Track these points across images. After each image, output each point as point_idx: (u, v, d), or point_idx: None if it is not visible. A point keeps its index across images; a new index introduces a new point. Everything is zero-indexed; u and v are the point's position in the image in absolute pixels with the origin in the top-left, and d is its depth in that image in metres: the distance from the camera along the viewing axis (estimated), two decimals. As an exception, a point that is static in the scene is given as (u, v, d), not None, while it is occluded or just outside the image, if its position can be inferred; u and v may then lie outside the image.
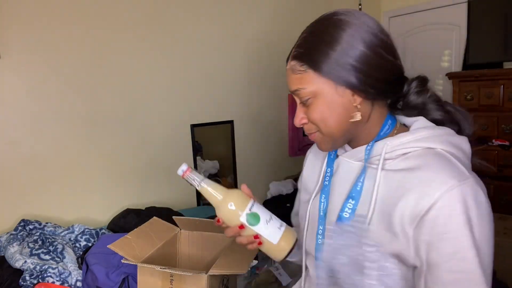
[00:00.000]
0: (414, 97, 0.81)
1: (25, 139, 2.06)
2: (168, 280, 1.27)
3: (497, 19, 2.78)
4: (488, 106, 2.78)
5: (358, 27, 0.75)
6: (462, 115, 0.85)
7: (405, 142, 0.76)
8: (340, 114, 0.76)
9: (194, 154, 2.42)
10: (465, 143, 0.80)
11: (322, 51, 0.74)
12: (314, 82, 0.76)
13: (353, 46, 0.74)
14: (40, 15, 2.04)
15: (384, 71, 0.77)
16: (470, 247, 0.67)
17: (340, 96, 0.75)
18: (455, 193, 0.67)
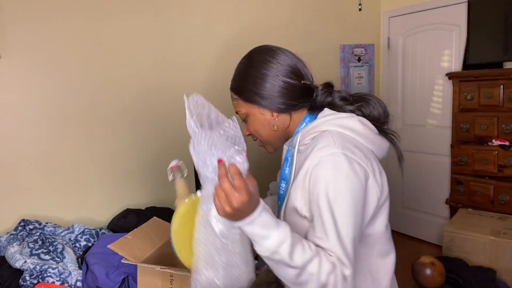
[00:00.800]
0: (321, 98, 1.05)
1: (25, 139, 2.06)
2: (168, 280, 1.27)
3: (497, 19, 2.78)
4: (488, 106, 2.78)
5: (265, 64, 1.01)
6: (370, 102, 1.06)
7: (309, 129, 1.02)
8: (266, 127, 1.06)
9: (194, 154, 2.42)
10: (353, 122, 1.00)
11: (243, 85, 1.04)
12: (244, 107, 1.06)
13: (262, 79, 1.01)
14: (40, 15, 2.04)
15: (292, 93, 1.02)
16: (324, 199, 0.89)
17: (263, 114, 1.05)
18: (325, 158, 0.92)
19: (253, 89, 1.02)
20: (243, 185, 0.79)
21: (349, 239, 0.88)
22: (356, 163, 0.92)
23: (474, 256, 2.34)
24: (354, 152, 0.93)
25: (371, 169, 0.95)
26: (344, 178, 0.90)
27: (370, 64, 3.56)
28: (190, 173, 1.25)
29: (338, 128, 0.98)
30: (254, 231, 0.83)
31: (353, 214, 0.90)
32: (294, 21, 3.01)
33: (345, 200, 0.89)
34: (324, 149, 0.93)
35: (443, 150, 3.25)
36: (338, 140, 0.94)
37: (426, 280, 2.10)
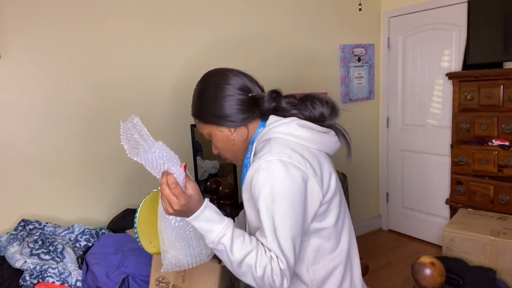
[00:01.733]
0: (267, 105, 1.13)
1: (25, 139, 2.06)
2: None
3: (497, 19, 2.78)
4: (488, 106, 2.78)
5: (214, 86, 1.11)
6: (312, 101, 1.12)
7: (259, 138, 1.11)
8: (227, 143, 1.15)
9: (194, 154, 2.42)
10: (293, 128, 1.07)
11: (198, 109, 1.15)
12: (205, 128, 1.16)
13: (212, 100, 1.11)
14: (40, 15, 2.04)
15: (241, 107, 1.10)
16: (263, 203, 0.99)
17: (222, 132, 1.14)
18: (262, 166, 1.00)
19: (208, 111, 1.12)
20: (179, 192, 0.96)
21: (286, 237, 0.98)
22: (292, 166, 1.00)
23: (474, 256, 2.34)
24: (291, 155, 1.01)
25: (311, 169, 1.03)
26: (280, 182, 0.98)
27: (370, 64, 3.56)
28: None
29: (279, 135, 1.06)
30: (199, 226, 0.98)
31: (290, 215, 0.99)
32: (294, 21, 3.01)
33: (281, 203, 0.98)
34: (262, 157, 1.01)
35: (443, 150, 3.25)
36: (275, 147, 1.03)
37: (426, 280, 2.10)
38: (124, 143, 0.95)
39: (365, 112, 3.61)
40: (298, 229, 1.01)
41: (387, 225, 3.83)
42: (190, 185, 0.99)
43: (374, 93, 3.65)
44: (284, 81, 2.97)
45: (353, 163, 3.54)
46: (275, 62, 2.94)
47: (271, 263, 0.96)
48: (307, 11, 3.09)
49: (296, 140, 1.06)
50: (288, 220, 0.99)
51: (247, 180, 1.05)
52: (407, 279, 2.81)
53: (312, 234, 1.08)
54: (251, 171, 1.03)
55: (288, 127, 1.07)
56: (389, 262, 3.17)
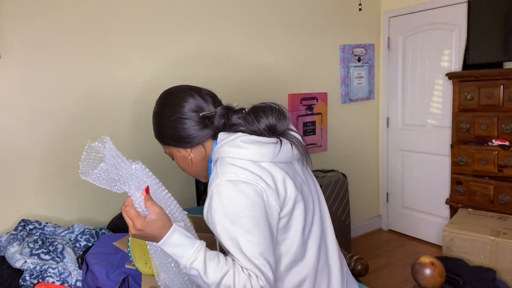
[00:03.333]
0: (216, 123, 1.11)
1: (25, 139, 2.06)
2: None
3: (497, 19, 2.78)
4: (488, 106, 2.78)
5: (163, 111, 1.13)
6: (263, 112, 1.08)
7: (213, 158, 1.10)
8: (185, 162, 1.16)
9: (194, 154, 2.42)
10: (237, 146, 1.03)
11: (155, 131, 1.17)
12: (166, 149, 1.18)
13: (164, 124, 1.12)
14: (40, 15, 2.04)
15: (190, 127, 1.10)
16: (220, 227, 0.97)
17: (179, 152, 1.15)
18: (213, 191, 1.00)
19: (164, 133, 1.14)
20: (132, 215, 0.96)
21: (256, 254, 0.95)
22: (241, 183, 0.98)
23: (474, 256, 2.34)
24: (238, 173, 0.99)
25: (264, 183, 0.99)
26: (233, 201, 0.96)
27: (370, 64, 3.56)
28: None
29: (225, 154, 1.05)
30: (169, 251, 0.97)
31: (254, 230, 0.96)
32: (294, 21, 3.01)
33: (241, 221, 0.96)
34: (211, 182, 1.02)
35: (443, 150, 3.25)
36: (221, 168, 1.02)
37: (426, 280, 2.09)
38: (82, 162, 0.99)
39: (365, 112, 3.61)
40: (267, 243, 0.98)
41: (387, 225, 3.83)
42: (152, 209, 0.97)
43: (374, 93, 3.65)
44: (284, 81, 2.98)
45: (353, 163, 3.54)
46: (275, 62, 2.94)
47: (250, 280, 0.93)
48: (307, 11, 3.09)
49: (242, 157, 1.02)
50: (254, 236, 0.96)
51: (204, 209, 1.03)
52: (407, 279, 2.81)
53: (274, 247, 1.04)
54: (207, 200, 1.02)
55: (231, 145, 1.04)
56: (389, 262, 3.17)
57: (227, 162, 1.02)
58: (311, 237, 1.09)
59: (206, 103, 1.13)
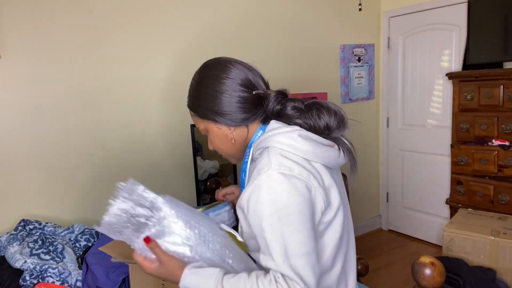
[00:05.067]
0: (271, 107, 1.04)
1: (25, 139, 2.06)
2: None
3: (497, 19, 2.78)
4: (488, 106, 2.78)
5: (214, 80, 1.01)
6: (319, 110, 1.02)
7: (257, 144, 1.02)
8: (224, 141, 1.07)
9: (194, 154, 2.42)
10: (293, 140, 0.97)
11: (195, 103, 1.05)
12: (202, 123, 1.07)
13: (213, 96, 1.01)
14: (39, 15, 2.04)
15: (241, 105, 1.01)
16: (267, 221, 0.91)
17: (220, 129, 1.05)
18: (256, 183, 0.93)
19: (206, 105, 1.02)
20: (139, 261, 0.95)
21: (299, 254, 0.89)
22: (294, 178, 0.92)
23: (474, 256, 2.34)
24: (292, 168, 0.93)
25: (314, 182, 0.95)
26: (285, 196, 0.90)
27: (370, 64, 3.56)
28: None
29: (278, 145, 0.97)
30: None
31: (302, 228, 0.91)
32: (294, 21, 3.01)
33: (289, 218, 0.90)
34: (261, 172, 0.94)
35: (443, 150, 3.25)
36: (274, 159, 0.94)
37: (426, 280, 2.09)
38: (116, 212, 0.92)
39: (365, 112, 3.61)
40: (312, 243, 0.92)
41: (387, 225, 3.83)
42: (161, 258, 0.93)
43: (374, 93, 3.65)
44: (284, 81, 2.97)
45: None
46: (275, 62, 2.94)
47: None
48: (307, 11, 3.09)
49: (296, 152, 0.96)
50: (301, 234, 0.90)
51: (245, 197, 0.96)
52: (407, 279, 2.81)
53: None
54: (251, 188, 0.94)
55: (288, 137, 0.97)
56: (389, 262, 3.17)
57: (279, 154, 0.95)
58: (342, 248, 1.05)
59: (257, 80, 1.05)
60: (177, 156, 2.54)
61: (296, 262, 0.89)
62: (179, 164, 2.54)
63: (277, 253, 0.90)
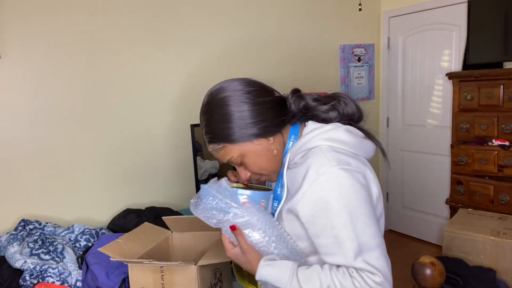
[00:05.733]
0: (295, 105, 1.01)
1: (25, 139, 2.06)
2: (159, 275, 1.27)
3: (497, 19, 2.78)
4: (488, 106, 2.78)
5: (234, 96, 0.96)
6: (339, 99, 1.02)
7: (298, 148, 0.99)
8: (267, 156, 0.99)
9: (194, 154, 2.42)
10: (339, 134, 0.97)
11: (225, 128, 0.96)
12: (235, 150, 0.98)
13: (241, 111, 0.95)
14: (40, 15, 2.04)
15: (270, 110, 0.98)
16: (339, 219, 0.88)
17: (259, 145, 0.98)
18: (318, 183, 0.90)
19: (239, 125, 0.95)
20: (224, 242, 0.99)
21: (373, 247, 0.89)
22: (355, 172, 0.91)
23: (474, 256, 2.34)
24: (350, 163, 0.92)
25: (370, 174, 0.96)
26: (351, 191, 0.89)
27: (370, 64, 3.56)
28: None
29: (327, 142, 0.95)
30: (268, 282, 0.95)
31: (372, 222, 0.90)
32: (294, 21, 3.01)
33: (360, 212, 0.89)
34: (321, 169, 0.90)
35: (443, 150, 3.25)
36: (331, 156, 0.92)
37: (426, 280, 2.09)
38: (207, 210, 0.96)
39: (365, 112, 3.61)
40: (381, 234, 0.92)
41: (387, 225, 3.83)
42: (240, 244, 0.98)
43: (374, 93, 3.65)
44: (284, 81, 2.97)
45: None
46: (275, 63, 2.93)
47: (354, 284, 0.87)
48: (307, 11, 3.09)
49: (345, 147, 0.95)
50: (371, 227, 0.90)
51: (303, 201, 0.92)
52: (407, 279, 2.81)
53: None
54: (310, 190, 0.91)
55: (336, 133, 0.96)
56: (389, 262, 3.16)
57: (333, 151, 0.93)
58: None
59: (271, 86, 1.04)
60: (177, 156, 2.54)
61: (370, 255, 0.88)
62: (179, 164, 2.54)
63: (349, 250, 0.88)
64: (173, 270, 1.25)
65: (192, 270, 1.24)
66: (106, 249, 1.29)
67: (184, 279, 1.25)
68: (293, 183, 0.96)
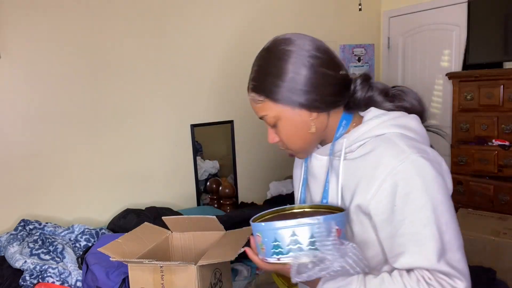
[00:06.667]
0: (361, 94, 0.89)
1: (25, 139, 2.06)
2: (158, 275, 1.27)
3: (497, 19, 2.78)
4: (488, 106, 2.78)
5: (298, 54, 0.84)
6: (409, 95, 0.93)
7: (359, 135, 0.87)
8: (302, 130, 0.88)
9: (194, 154, 2.42)
10: (411, 121, 0.88)
11: (273, 83, 0.84)
12: (273, 109, 0.86)
13: (297, 73, 0.83)
14: (39, 15, 2.04)
15: (329, 85, 0.85)
16: (423, 214, 0.77)
17: (299, 115, 0.86)
18: (398, 171, 0.78)
19: (287, 85, 0.84)
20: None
21: (456, 248, 0.79)
22: (435, 162, 0.81)
23: (474, 256, 2.34)
24: (428, 152, 0.82)
25: (445, 165, 0.86)
26: (435, 184, 0.79)
27: (370, 64, 3.56)
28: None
29: (398, 129, 0.85)
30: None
31: (454, 220, 0.80)
32: (294, 21, 3.01)
33: (444, 208, 0.79)
34: (400, 157, 0.79)
35: (443, 150, 3.24)
36: (407, 143, 0.81)
37: (426, 280, 2.10)
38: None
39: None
40: (461, 235, 0.82)
41: (387, 225, 3.83)
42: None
43: (374, 93, 3.65)
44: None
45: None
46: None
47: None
48: (307, 11, 3.09)
49: (417, 137, 0.86)
50: (454, 225, 0.79)
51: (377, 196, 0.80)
52: (407, 279, 2.81)
53: None
54: (386, 183, 0.79)
55: (408, 120, 0.87)
56: (389, 262, 3.16)
57: (408, 139, 0.83)
58: None
59: (341, 62, 0.90)
60: (177, 156, 2.54)
61: (453, 257, 0.78)
62: (179, 164, 2.54)
63: (431, 250, 0.77)
64: (173, 270, 1.25)
65: (192, 270, 1.24)
66: (106, 249, 1.29)
67: (184, 279, 1.25)
68: (355, 176, 0.84)
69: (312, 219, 0.75)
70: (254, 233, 0.81)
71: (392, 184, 0.78)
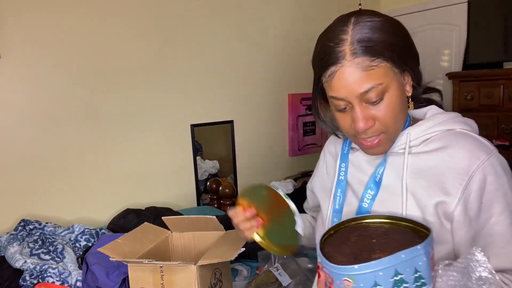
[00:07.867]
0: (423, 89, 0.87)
1: (25, 139, 2.06)
2: (158, 275, 1.27)
3: (497, 19, 2.78)
4: (488, 106, 2.78)
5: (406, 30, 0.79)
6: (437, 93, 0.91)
7: (427, 128, 0.80)
8: (403, 104, 0.78)
9: (194, 154, 2.42)
10: (472, 121, 0.85)
11: (393, 40, 0.73)
12: (387, 77, 0.73)
13: (408, 36, 0.77)
14: (40, 15, 2.04)
15: (418, 64, 0.83)
16: (502, 212, 0.72)
17: (403, 86, 0.77)
18: (487, 165, 0.73)
19: (407, 47, 0.76)
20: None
21: None
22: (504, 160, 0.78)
23: (474, 256, 2.34)
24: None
25: None
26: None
27: (370, 64, 3.56)
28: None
29: (465, 126, 0.81)
30: None
31: None
32: (294, 20, 3.01)
33: None
34: (486, 151, 0.74)
35: (443, 150, 3.25)
36: (481, 140, 0.78)
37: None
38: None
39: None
40: None
41: (387, 225, 3.83)
42: None
43: (374, 93, 3.65)
44: (284, 81, 2.97)
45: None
46: (275, 62, 2.93)
47: None
48: (307, 11, 3.09)
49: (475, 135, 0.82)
50: None
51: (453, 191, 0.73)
52: (407, 279, 2.81)
53: None
54: (469, 173, 0.73)
55: (468, 120, 0.85)
56: (389, 262, 3.16)
57: (479, 137, 0.80)
58: None
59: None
60: (177, 156, 2.54)
61: None
62: (179, 164, 2.54)
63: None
64: (172, 270, 1.25)
65: (191, 270, 1.24)
66: (106, 249, 1.29)
67: (183, 279, 1.25)
68: (429, 173, 0.77)
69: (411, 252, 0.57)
70: (337, 277, 0.60)
71: (481, 179, 0.72)
